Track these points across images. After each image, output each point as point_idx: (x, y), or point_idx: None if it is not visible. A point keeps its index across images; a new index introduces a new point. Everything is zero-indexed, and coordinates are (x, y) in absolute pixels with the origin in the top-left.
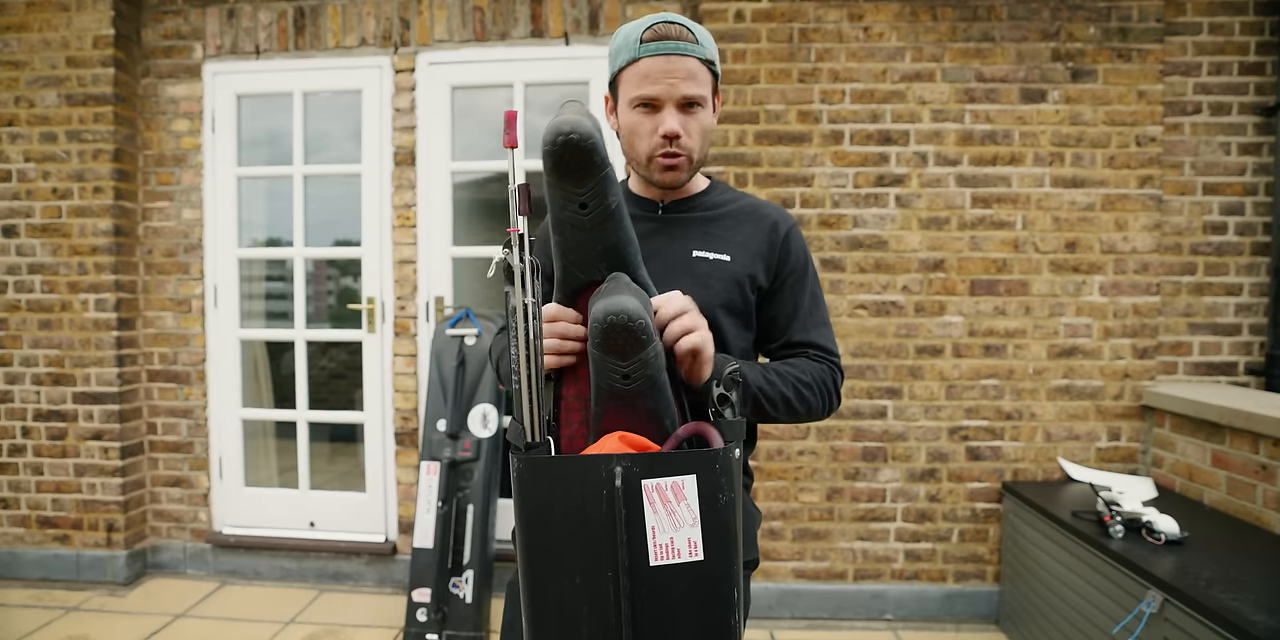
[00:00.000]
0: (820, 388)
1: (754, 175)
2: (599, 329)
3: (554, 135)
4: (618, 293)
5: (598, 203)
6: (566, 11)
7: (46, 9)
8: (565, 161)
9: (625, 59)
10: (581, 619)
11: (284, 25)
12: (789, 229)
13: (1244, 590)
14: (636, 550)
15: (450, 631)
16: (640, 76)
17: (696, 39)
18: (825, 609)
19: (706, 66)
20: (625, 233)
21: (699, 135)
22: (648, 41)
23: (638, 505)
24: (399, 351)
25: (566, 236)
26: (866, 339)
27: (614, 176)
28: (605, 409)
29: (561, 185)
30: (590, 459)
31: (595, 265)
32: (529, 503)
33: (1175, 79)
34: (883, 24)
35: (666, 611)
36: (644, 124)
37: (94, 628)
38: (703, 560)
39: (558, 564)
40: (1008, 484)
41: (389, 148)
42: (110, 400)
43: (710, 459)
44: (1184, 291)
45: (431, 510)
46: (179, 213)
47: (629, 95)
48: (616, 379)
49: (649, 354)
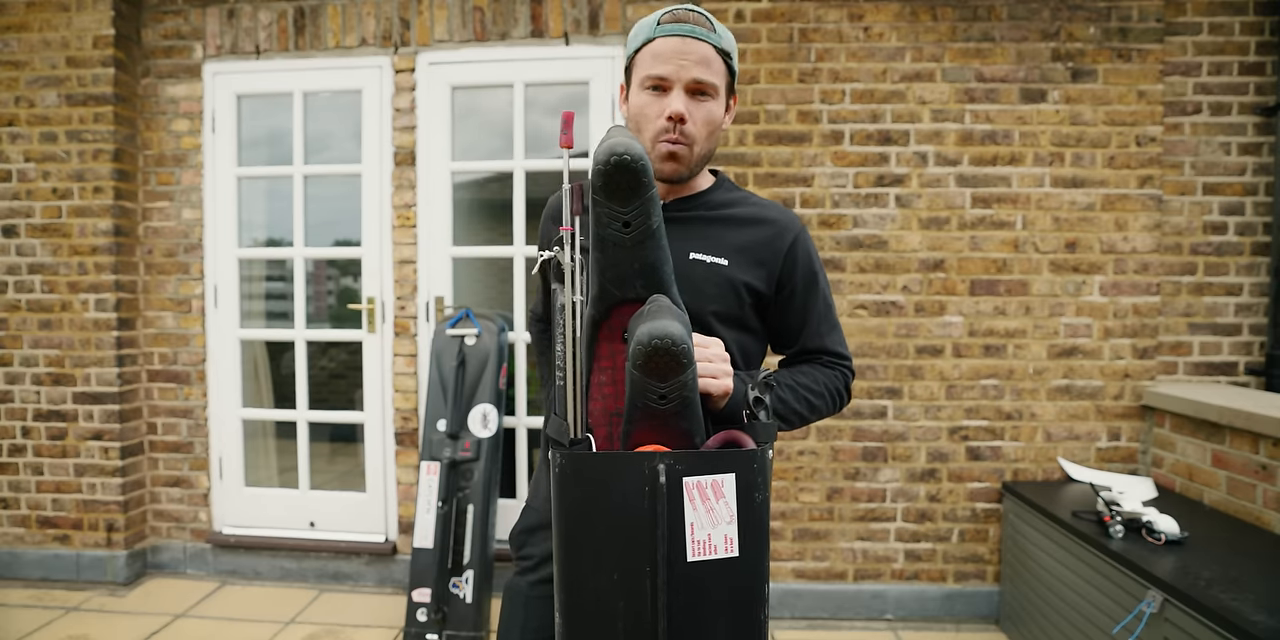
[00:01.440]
0: (830, 395)
1: (754, 175)
2: (643, 351)
3: (608, 156)
4: (662, 316)
5: (641, 222)
6: (566, 11)
7: (46, 9)
8: (615, 181)
9: (642, 39)
10: (617, 614)
11: (284, 25)
12: (795, 236)
13: (1244, 590)
14: (675, 546)
15: (450, 631)
16: (653, 56)
17: (714, 28)
18: (825, 609)
19: (722, 58)
20: (663, 252)
21: (704, 125)
22: (666, 23)
23: (678, 502)
24: (399, 351)
25: (607, 253)
26: (866, 339)
27: (657, 199)
28: (637, 427)
29: (609, 204)
30: (634, 456)
31: (632, 283)
32: (570, 498)
33: (1175, 79)
34: (883, 24)
35: (700, 606)
36: (652, 106)
37: (94, 628)
38: (738, 557)
39: (596, 559)
40: (1008, 484)
41: (389, 148)
42: (110, 400)
43: (749, 458)
44: (1184, 291)
45: (431, 510)
46: (179, 213)
47: (640, 75)
48: (653, 399)
49: (687, 376)
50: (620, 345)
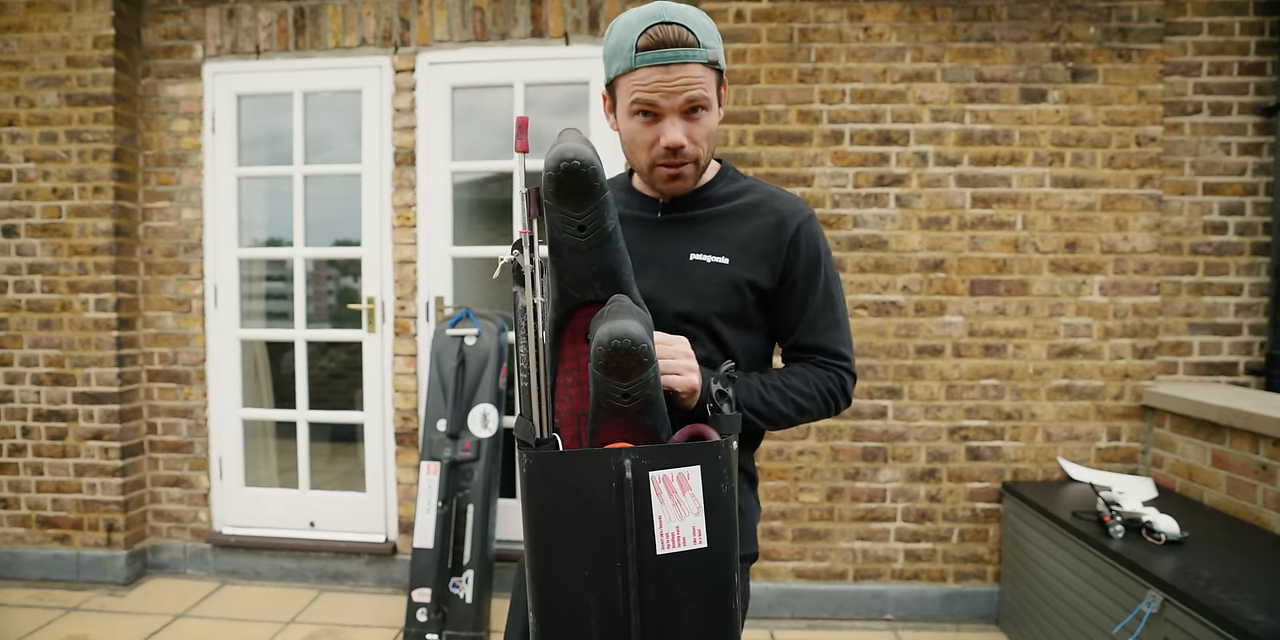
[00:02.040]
0: (822, 397)
1: (754, 175)
2: (603, 351)
3: (557, 162)
4: (622, 316)
5: (595, 226)
6: (566, 11)
7: (46, 9)
8: (566, 186)
9: (620, 68)
10: (589, 611)
11: (284, 25)
12: (799, 224)
13: (1244, 590)
14: (644, 540)
15: (450, 631)
16: (637, 84)
17: (697, 39)
18: (825, 609)
19: (710, 67)
20: (620, 254)
21: (705, 140)
22: (644, 49)
23: (645, 496)
24: (399, 351)
25: (564, 257)
26: (866, 339)
27: (611, 201)
28: (603, 426)
29: (561, 208)
30: (600, 453)
31: (591, 285)
32: (539, 497)
33: (1175, 79)
34: (883, 24)
35: (671, 598)
36: (644, 134)
37: (94, 628)
38: (706, 547)
39: (566, 558)
40: (1008, 484)
41: (389, 148)
42: (110, 400)
43: (713, 450)
44: (1184, 291)
45: (431, 510)
46: (179, 213)
47: (627, 101)
48: (617, 398)
49: (649, 375)
50: (584, 346)
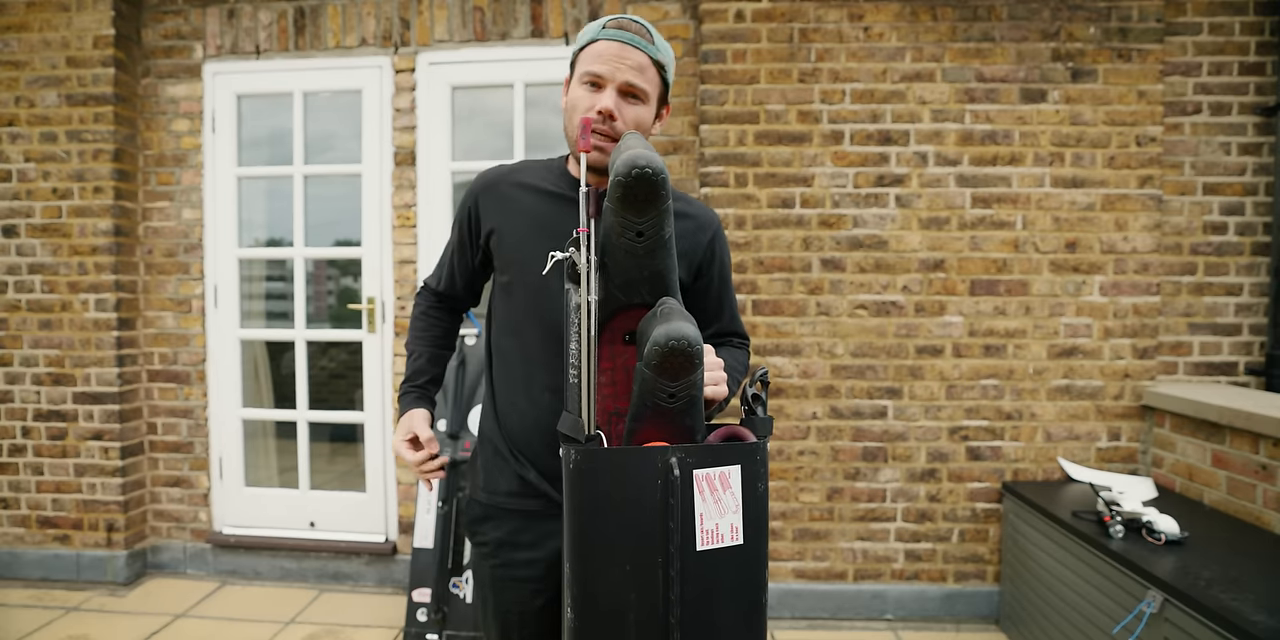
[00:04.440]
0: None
1: (754, 175)
2: (659, 351)
3: (629, 168)
4: (677, 318)
5: (654, 232)
6: (566, 11)
7: (46, 9)
8: (634, 192)
9: (587, 39)
10: (629, 605)
11: (284, 25)
12: (715, 232)
13: (1244, 590)
14: (686, 536)
15: (450, 631)
16: (594, 56)
17: (654, 41)
18: (825, 609)
19: (656, 68)
20: (671, 261)
21: (632, 124)
22: (610, 28)
23: (689, 494)
24: (399, 351)
25: (617, 261)
26: (866, 339)
27: (671, 209)
28: (643, 425)
29: (624, 213)
30: (647, 450)
31: (638, 289)
32: (585, 493)
33: (1175, 79)
34: (883, 24)
35: (708, 593)
36: (584, 100)
37: (94, 628)
38: (741, 544)
39: (609, 553)
40: (1008, 484)
41: (389, 148)
42: (110, 400)
43: (753, 451)
44: (1184, 291)
45: (431, 510)
46: (179, 213)
47: (581, 70)
48: (663, 398)
49: (697, 376)
50: (621, 347)
